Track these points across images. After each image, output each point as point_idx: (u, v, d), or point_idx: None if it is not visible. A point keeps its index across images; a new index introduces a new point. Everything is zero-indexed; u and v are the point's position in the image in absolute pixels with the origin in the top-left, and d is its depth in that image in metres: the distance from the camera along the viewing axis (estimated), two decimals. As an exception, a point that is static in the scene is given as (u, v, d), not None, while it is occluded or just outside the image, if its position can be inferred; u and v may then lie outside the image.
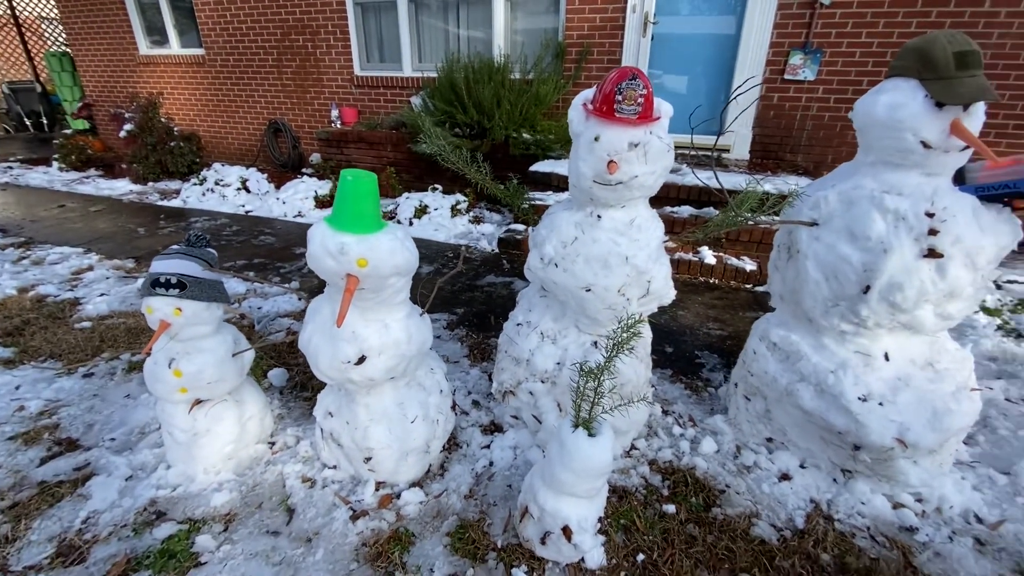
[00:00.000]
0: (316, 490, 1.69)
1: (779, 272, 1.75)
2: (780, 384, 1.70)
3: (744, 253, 3.48)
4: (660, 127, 1.51)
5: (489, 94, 4.44)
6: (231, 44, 6.38)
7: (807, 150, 4.50)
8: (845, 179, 1.59)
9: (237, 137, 6.92)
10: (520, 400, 1.87)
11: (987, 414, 2.13)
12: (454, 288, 3.32)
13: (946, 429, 1.52)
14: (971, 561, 1.50)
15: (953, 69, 1.34)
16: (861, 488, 1.66)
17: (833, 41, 4.18)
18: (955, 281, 1.43)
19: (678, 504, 1.65)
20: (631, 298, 1.65)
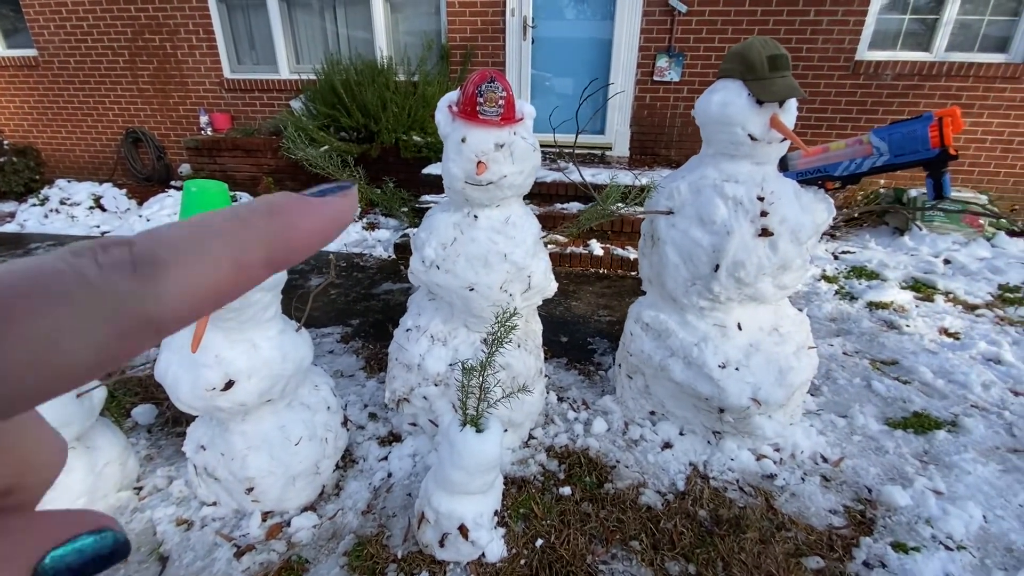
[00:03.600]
0: (194, 531, 1.55)
1: (646, 258, 1.89)
2: (655, 360, 1.84)
3: (628, 243, 3.73)
4: (524, 128, 1.56)
5: (374, 97, 4.32)
6: (71, 44, 5.60)
7: (678, 145, 4.91)
8: (693, 170, 1.76)
9: (87, 150, 6.09)
10: (415, 406, 1.85)
11: (829, 367, 2.47)
12: (348, 298, 3.20)
13: (790, 384, 1.74)
14: (819, 497, 1.73)
15: (767, 71, 1.53)
16: (730, 446, 1.85)
17: (692, 46, 4.60)
18: (785, 255, 1.65)
19: (573, 485, 1.73)
20: (514, 294, 1.69)
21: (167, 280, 0.15)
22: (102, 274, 0.15)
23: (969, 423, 2.01)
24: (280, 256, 0.17)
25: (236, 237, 0.17)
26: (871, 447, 1.93)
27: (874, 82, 4.44)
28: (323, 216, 0.18)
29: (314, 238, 0.18)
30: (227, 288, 0.17)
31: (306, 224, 0.18)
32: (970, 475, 1.78)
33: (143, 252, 0.15)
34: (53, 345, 0.14)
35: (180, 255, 0.16)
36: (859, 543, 1.54)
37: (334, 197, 0.19)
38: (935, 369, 2.40)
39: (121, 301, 0.15)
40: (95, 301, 0.14)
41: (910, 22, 4.35)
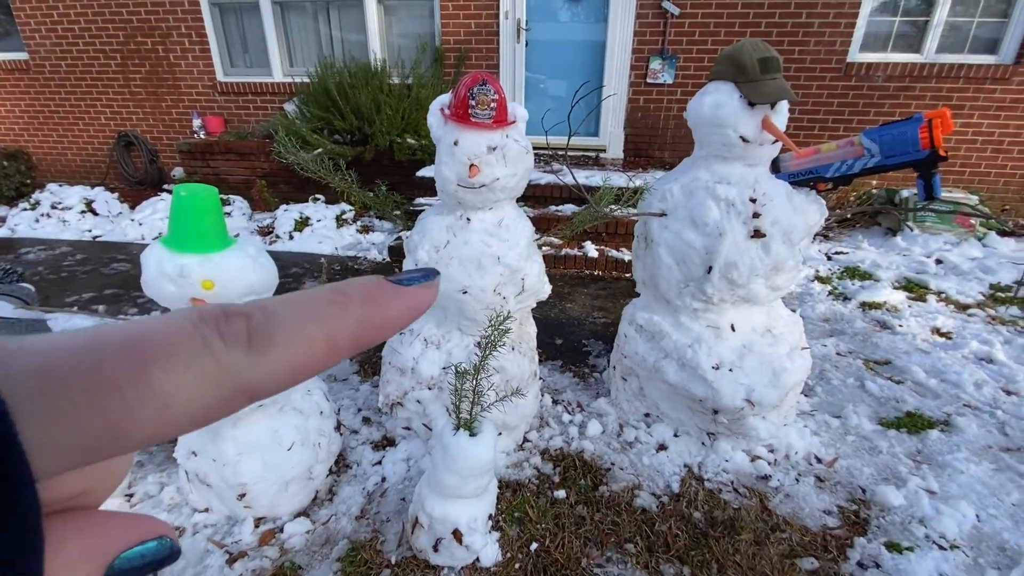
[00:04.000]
0: (185, 538, 1.53)
1: (640, 260, 1.89)
2: (649, 362, 1.84)
3: (623, 245, 3.73)
4: (516, 130, 1.56)
5: (367, 99, 4.32)
6: (62, 47, 5.57)
7: (672, 147, 4.93)
8: (685, 172, 1.76)
9: (78, 153, 6.05)
10: (409, 410, 1.84)
11: (823, 368, 2.48)
12: (342, 302, 3.18)
13: (784, 385, 1.74)
14: (814, 497, 1.73)
15: (759, 73, 1.54)
16: (724, 447, 1.85)
17: (685, 48, 4.62)
18: (777, 256, 1.65)
19: (568, 488, 1.72)
20: (507, 296, 1.69)
21: (272, 356, 0.17)
22: (225, 348, 0.16)
23: (962, 422, 2.02)
24: (366, 340, 0.19)
25: (334, 321, 0.18)
26: (865, 447, 1.94)
27: (865, 84, 4.48)
28: (409, 306, 0.20)
29: (398, 325, 0.20)
30: (317, 366, 0.18)
31: (394, 313, 0.19)
32: (963, 474, 1.78)
33: (258, 328, 0.17)
34: (171, 405, 0.15)
35: (287, 333, 0.17)
36: (853, 543, 1.55)
37: (420, 288, 0.20)
38: (928, 369, 2.41)
39: (234, 374, 0.16)
40: (214, 371, 0.16)
41: (901, 24, 4.38)
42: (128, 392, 0.15)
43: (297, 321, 0.17)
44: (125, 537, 0.18)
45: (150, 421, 0.15)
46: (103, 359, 0.15)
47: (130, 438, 0.15)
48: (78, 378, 0.14)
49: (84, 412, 0.14)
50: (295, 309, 0.18)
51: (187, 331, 0.16)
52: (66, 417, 0.14)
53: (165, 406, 0.15)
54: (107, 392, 0.14)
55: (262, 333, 0.17)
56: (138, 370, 0.15)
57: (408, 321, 0.20)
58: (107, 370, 0.14)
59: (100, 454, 0.15)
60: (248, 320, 0.17)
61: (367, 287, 0.19)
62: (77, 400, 0.14)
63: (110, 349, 0.15)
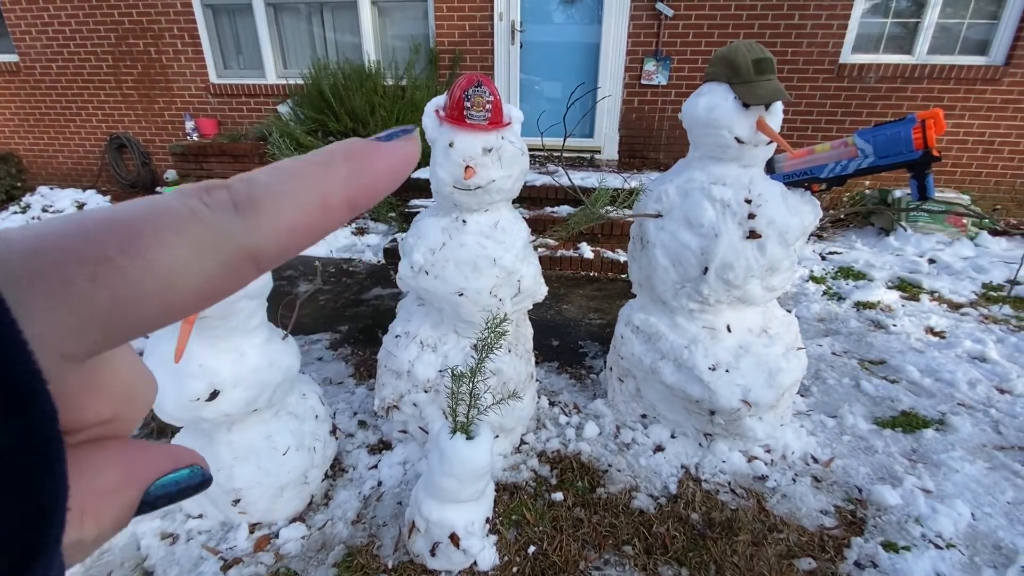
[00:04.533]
0: (179, 545, 1.52)
1: (636, 261, 1.89)
2: (645, 363, 1.84)
3: (619, 246, 3.73)
4: (512, 132, 1.56)
5: (362, 101, 4.30)
6: (53, 49, 5.52)
7: (667, 148, 4.94)
8: (681, 173, 1.76)
9: (69, 156, 5.99)
10: (405, 413, 1.83)
11: (818, 368, 2.49)
12: (337, 304, 3.17)
13: (780, 385, 1.74)
14: (810, 497, 1.73)
15: (753, 74, 1.54)
16: (721, 448, 1.85)
17: (679, 49, 4.63)
18: (773, 257, 1.65)
19: (565, 491, 1.72)
20: (504, 298, 1.68)
21: (265, 217, 0.17)
22: (211, 212, 0.16)
23: (956, 421, 2.03)
24: (359, 195, 0.19)
25: (320, 179, 0.18)
26: (861, 447, 1.94)
27: (858, 85, 4.51)
28: (393, 157, 0.20)
29: (387, 178, 0.20)
30: (316, 225, 0.18)
31: (380, 165, 0.19)
32: (958, 473, 1.79)
33: (242, 193, 0.17)
34: (173, 276, 0.15)
35: (273, 196, 0.17)
36: (850, 543, 1.55)
37: (400, 141, 0.20)
38: (922, 368, 2.42)
39: (228, 236, 0.16)
40: (207, 236, 0.16)
41: (892, 26, 4.41)
42: (124, 264, 0.14)
43: (282, 184, 0.17)
44: (161, 463, 0.18)
45: (155, 295, 0.15)
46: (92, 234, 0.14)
47: (138, 315, 0.15)
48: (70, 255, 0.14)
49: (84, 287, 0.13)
50: (278, 174, 0.18)
51: (170, 204, 0.16)
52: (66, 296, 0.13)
53: (167, 277, 0.15)
54: (104, 266, 0.14)
55: (247, 198, 0.17)
56: (129, 242, 0.14)
57: (396, 177, 0.20)
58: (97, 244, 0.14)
59: (112, 336, 0.15)
60: (229, 190, 0.17)
61: (347, 146, 0.19)
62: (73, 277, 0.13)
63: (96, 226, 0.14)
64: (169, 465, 0.18)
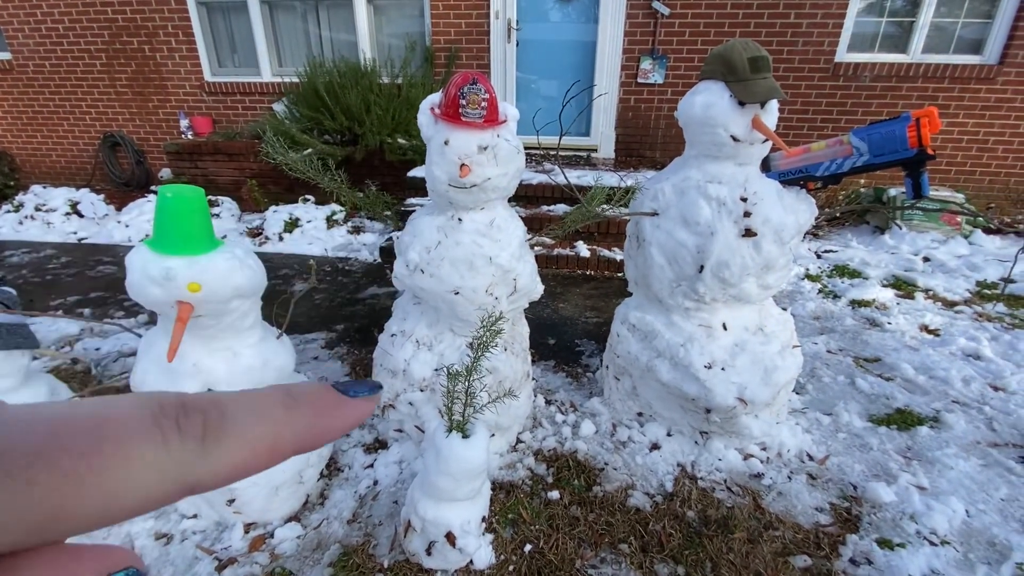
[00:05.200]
0: (173, 545, 1.51)
1: (632, 260, 1.89)
2: (641, 362, 1.84)
3: (615, 245, 3.73)
4: (507, 130, 1.55)
5: (357, 99, 4.29)
6: (46, 47, 5.48)
7: (663, 147, 4.94)
8: (676, 172, 1.76)
9: (63, 155, 5.96)
10: (401, 412, 1.83)
11: (814, 366, 2.49)
12: (333, 303, 3.16)
13: (776, 383, 1.75)
14: (806, 495, 1.74)
15: (748, 72, 1.54)
16: (717, 446, 1.86)
17: (675, 48, 4.64)
18: (768, 255, 1.65)
19: (562, 489, 1.72)
20: (500, 297, 1.68)
21: (220, 453, 0.18)
22: (180, 441, 0.17)
23: (950, 419, 2.04)
24: (307, 446, 0.20)
25: (280, 422, 0.19)
26: (856, 444, 1.95)
27: (853, 83, 4.52)
28: (352, 418, 0.21)
29: (338, 434, 0.21)
30: (257, 467, 0.19)
31: (337, 424, 0.20)
32: (952, 470, 1.80)
33: (213, 425, 0.18)
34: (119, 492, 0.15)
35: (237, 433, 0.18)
36: (845, 540, 1.55)
37: (363, 400, 0.21)
38: (917, 365, 2.43)
39: (184, 469, 0.17)
40: (168, 464, 0.16)
41: (887, 25, 4.43)
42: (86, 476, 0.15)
43: (248, 421, 0.18)
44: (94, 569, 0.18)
45: (98, 507, 0.15)
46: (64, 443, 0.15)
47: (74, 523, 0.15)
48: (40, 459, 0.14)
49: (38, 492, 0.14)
50: (248, 409, 0.19)
51: (147, 422, 0.16)
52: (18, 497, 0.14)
53: (114, 494, 0.15)
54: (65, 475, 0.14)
55: (215, 430, 0.17)
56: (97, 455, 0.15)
57: (347, 430, 0.21)
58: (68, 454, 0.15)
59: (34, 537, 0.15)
60: (205, 416, 0.18)
61: (317, 394, 0.20)
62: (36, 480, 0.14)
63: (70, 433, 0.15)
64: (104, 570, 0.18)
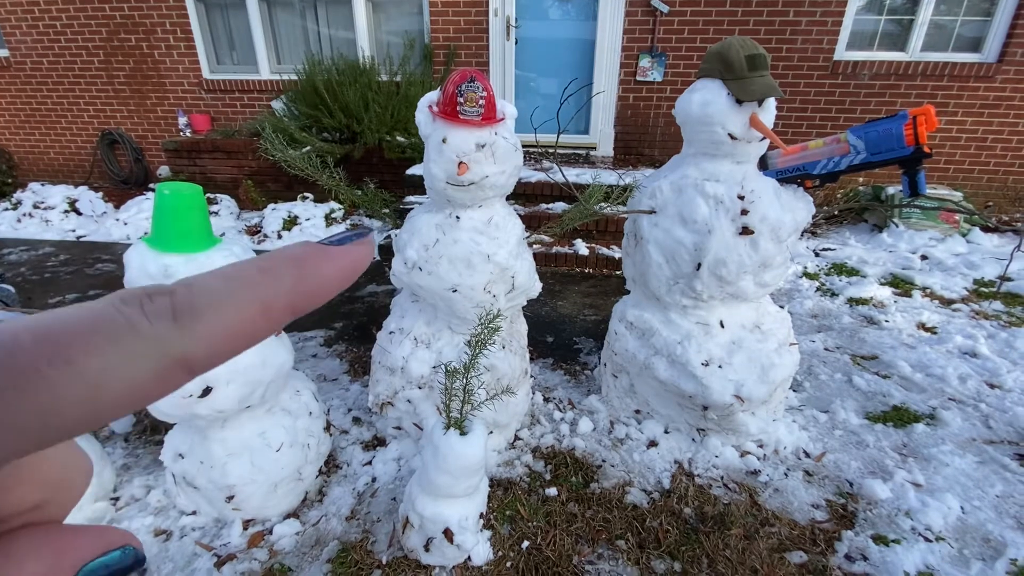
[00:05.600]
0: (173, 542, 1.51)
1: (630, 257, 1.89)
2: (639, 359, 1.85)
3: (613, 243, 3.74)
4: (505, 128, 1.55)
5: (356, 97, 4.28)
6: (43, 44, 5.47)
7: (662, 145, 4.94)
8: (674, 170, 1.77)
9: (61, 152, 5.95)
10: (399, 410, 1.83)
11: (811, 363, 2.50)
12: (331, 301, 3.16)
13: (772, 381, 1.75)
14: (802, 491, 1.74)
15: (746, 70, 1.54)
16: (714, 443, 1.86)
17: (674, 46, 4.63)
18: (765, 253, 1.66)
19: (559, 486, 1.72)
20: (498, 294, 1.69)
21: (203, 326, 0.17)
22: (149, 323, 0.16)
23: (946, 416, 2.05)
24: (302, 302, 0.19)
25: (264, 286, 0.18)
26: (852, 441, 1.96)
27: (852, 81, 4.52)
28: (342, 265, 0.20)
29: (333, 284, 0.19)
30: (255, 332, 0.18)
31: (326, 272, 0.19)
32: (948, 467, 1.81)
33: (183, 302, 0.17)
34: (101, 385, 0.15)
35: (214, 302, 0.17)
36: (841, 536, 1.56)
37: (352, 245, 0.20)
38: (913, 363, 2.44)
39: (163, 347, 0.16)
40: (141, 346, 0.16)
41: (886, 23, 4.43)
42: (51, 374, 0.14)
43: (226, 290, 0.17)
44: (89, 548, 0.18)
45: (81, 403, 0.15)
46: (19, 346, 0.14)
47: (62, 422, 0.15)
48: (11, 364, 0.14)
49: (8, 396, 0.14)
50: (223, 280, 0.18)
51: (107, 313, 0.16)
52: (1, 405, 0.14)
53: (95, 386, 0.15)
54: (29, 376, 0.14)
55: (187, 306, 0.17)
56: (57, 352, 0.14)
57: (343, 282, 0.20)
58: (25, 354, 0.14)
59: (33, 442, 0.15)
60: (172, 296, 0.17)
61: (296, 251, 0.19)
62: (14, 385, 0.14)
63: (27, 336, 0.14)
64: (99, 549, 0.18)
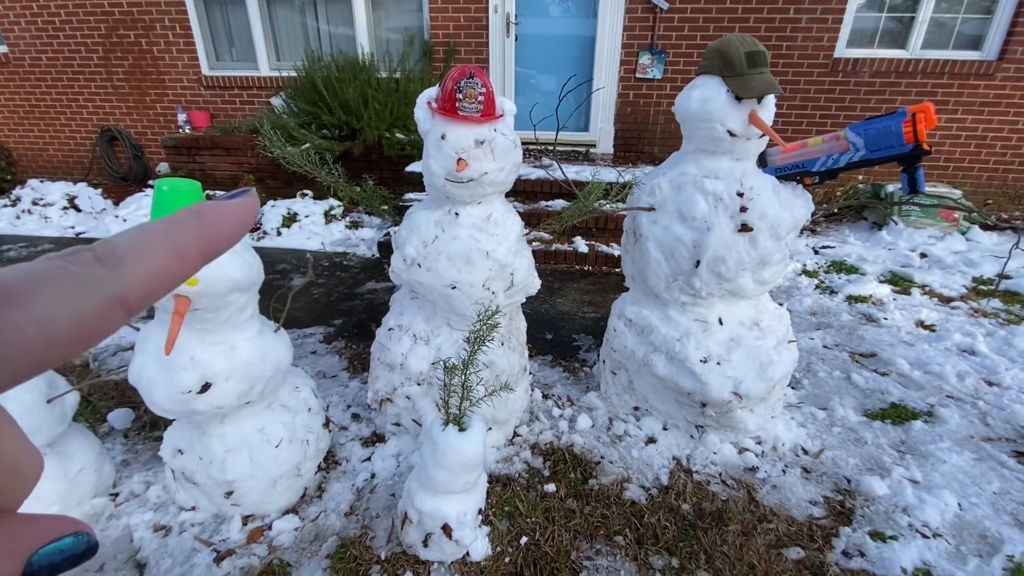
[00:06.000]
0: (172, 537, 1.52)
1: (629, 254, 1.90)
2: (638, 356, 1.85)
3: (613, 240, 3.74)
4: (504, 124, 1.55)
5: (355, 94, 4.28)
6: (42, 40, 5.45)
7: (662, 142, 4.94)
8: (674, 167, 1.77)
9: (60, 148, 5.94)
10: (398, 406, 1.83)
11: (810, 361, 2.51)
12: (331, 298, 3.16)
13: (771, 378, 1.76)
14: (800, 488, 1.75)
15: (745, 67, 1.54)
16: (712, 440, 1.87)
17: (674, 43, 4.62)
18: (764, 250, 1.66)
19: (558, 482, 1.73)
20: (496, 291, 1.69)
21: (126, 267, 0.19)
22: (78, 267, 0.18)
23: (944, 413, 2.06)
24: (209, 245, 0.22)
25: (173, 235, 0.21)
26: (850, 438, 1.96)
27: (852, 79, 4.51)
28: (236, 211, 0.23)
29: (233, 228, 0.23)
30: (174, 272, 0.21)
31: (225, 218, 0.23)
32: (945, 464, 1.81)
33: (103, 250, 0.19)
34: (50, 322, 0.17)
35: (133, 249, 0.20)
36: (838, 533, 1.57)
37: (241, 198, 0.24)
38: (912, 361, 2.45)
39: (95, 284, 0.18)
40: (76, 285, 0.18)
41: (887, 20, 4.42)
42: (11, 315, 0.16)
43: (139, 241, 0.20)
44: (42, 534, 0.19)
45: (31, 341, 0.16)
46: None
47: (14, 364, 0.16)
48: None
49: None
50: (135, 233, 0.20)
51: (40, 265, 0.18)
52: None
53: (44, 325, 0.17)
54: None
55: (108, 253, 0.19)
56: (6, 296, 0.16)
57: (242, 227, 0.23)
58: None
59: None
60: (93, 251, 0.19)
61: (195, 207, 0.22)
62: None
63: None
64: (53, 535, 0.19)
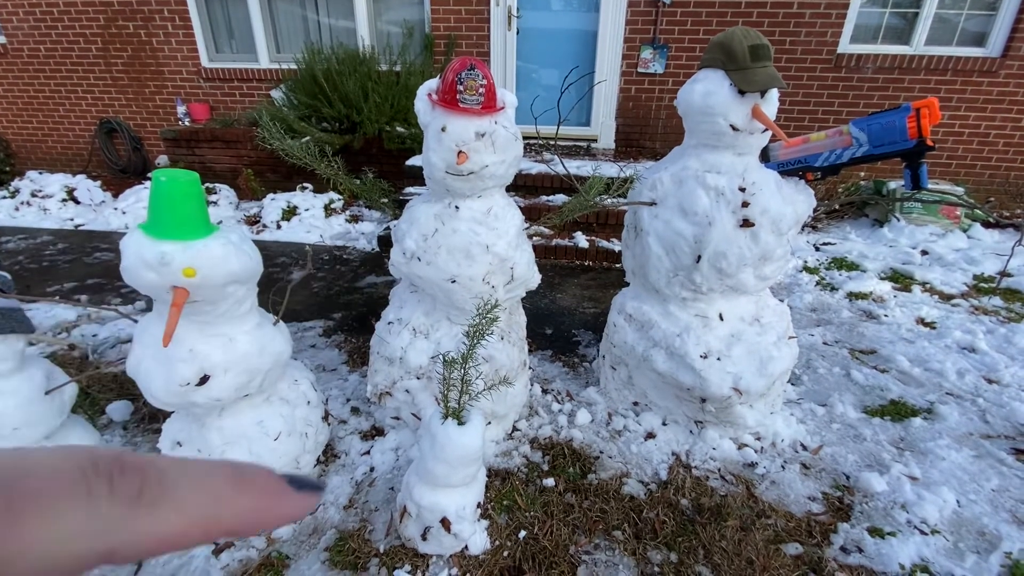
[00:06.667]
0: (171, 530, 1.52)
1: (629, 249, 1.89)
2: (638, 351, 1.84)
3: (613, 235, 3.73)
4: (505, 117, 1.54)
5: (355, 87, 4.25)
6: (40, 31, 5.42)
7: (664, 137, 4.92)
8: (675, 161, 1.76)
9: (59, 140, 5.91)
10: (398, 400, 1.83)
11: (810, 357, 2.50)
12: (331, 291, 3.15)
13: (771, 374, 1.75)
14: (799, 484, 1.75)
15: (749, 61, 1.53)
16: (712, 435, 1.87)
17: (677, 37, 4.59)
18: (766, 246, 1.65)
19: (557, 476, 1.73)
20: (496, 285, 1.68)
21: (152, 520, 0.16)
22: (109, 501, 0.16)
23: (944, 410, 2.06)
24: (245, 529, 0.19)
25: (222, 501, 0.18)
26: (849, 435, 1.96)
27: (855, 75, 4.49)
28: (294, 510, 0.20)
29: (277, 523, 0.20)
30: (190, 542, 0.18)
31: (279, 511, 0.19)
32: (944, 461, 1.81)
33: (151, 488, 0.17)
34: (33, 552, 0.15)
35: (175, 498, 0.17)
36: (837, 529, 1.57)
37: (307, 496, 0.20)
38: (912, 358, 2.44)
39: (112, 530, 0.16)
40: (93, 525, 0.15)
41: (890, 16, 4.39)
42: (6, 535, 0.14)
43: (190, 489, 0.17)
44: None
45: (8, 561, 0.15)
46: None
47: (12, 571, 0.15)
48: None
49: None
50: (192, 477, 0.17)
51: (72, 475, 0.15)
52: None
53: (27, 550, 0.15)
54: None
55: (152, 493, 0.17)
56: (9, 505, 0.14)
57: (287, 521, 0.20)
58: None
59: None
60: (143, 476, 0.17)
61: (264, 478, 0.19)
62: None
63: None
64: None
